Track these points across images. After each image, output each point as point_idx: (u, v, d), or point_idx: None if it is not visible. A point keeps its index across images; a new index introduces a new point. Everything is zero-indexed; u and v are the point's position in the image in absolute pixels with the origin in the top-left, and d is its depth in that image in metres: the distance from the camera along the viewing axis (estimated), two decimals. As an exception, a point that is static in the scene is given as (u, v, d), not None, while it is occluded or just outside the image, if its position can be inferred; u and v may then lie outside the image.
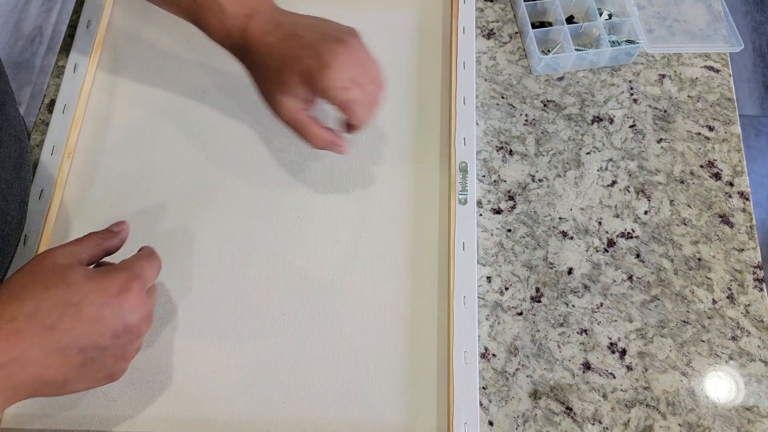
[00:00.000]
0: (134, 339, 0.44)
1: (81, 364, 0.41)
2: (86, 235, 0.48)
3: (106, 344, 0.42)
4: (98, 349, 0.42)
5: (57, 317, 0.40)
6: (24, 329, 0.39)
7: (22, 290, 0.41)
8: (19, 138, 0.56)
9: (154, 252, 0.50)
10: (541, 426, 0.53)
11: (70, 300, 0.41)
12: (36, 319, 0.40)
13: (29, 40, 1.73)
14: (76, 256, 0.45)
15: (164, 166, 0.62)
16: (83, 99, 0.64)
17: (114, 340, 0.42)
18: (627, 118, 0.65)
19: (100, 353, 0.42)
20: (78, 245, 0.46)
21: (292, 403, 0.53)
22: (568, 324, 0.56)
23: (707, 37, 0.68)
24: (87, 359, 0.41)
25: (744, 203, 0.61)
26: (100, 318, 0.41)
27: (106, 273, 0.43)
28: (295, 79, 0.49)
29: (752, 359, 0.55)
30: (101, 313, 0.41)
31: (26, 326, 0.39)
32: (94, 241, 0.47)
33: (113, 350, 0.43)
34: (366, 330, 0.55)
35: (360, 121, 0.51)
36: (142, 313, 0.44)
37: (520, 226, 0.60)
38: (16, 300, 0.40)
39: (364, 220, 0.59)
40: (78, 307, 0.41)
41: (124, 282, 0.43)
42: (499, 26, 0.69)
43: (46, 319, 0.40)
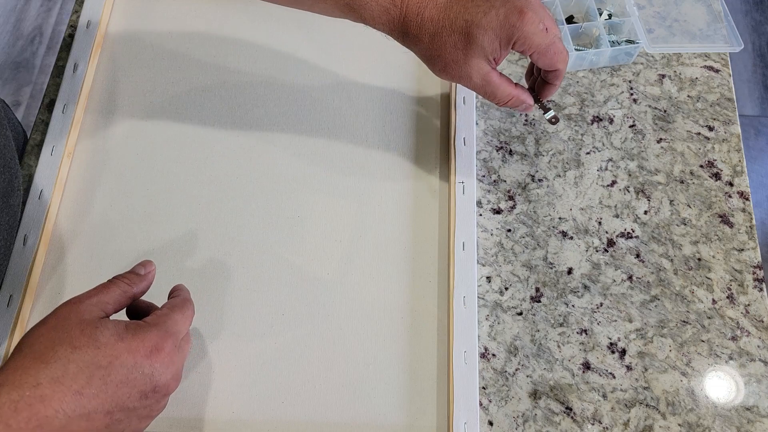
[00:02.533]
0: (162, 398, 0.42)
1: (106, 426, 0.39)
2: (112, 282, 0.45)
3: (134, 405, 0.40)
4: (125, 411, 0.39)
5: (85, 382, 0.37)
6: (49, 396, 0.36)
7: (47, 351, 0.38)
8: (9, 165, 0.55)
9: (188, 299, 0.47)
10: (541, 426, 0.53)
11: (99, 363, 0.38)
12: (63, 384, 0.37)
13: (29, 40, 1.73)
14: (103, 307, 0.42)
15: (164, 166, 0.62)
16: (83, 99, 0.64)
17: (142, 401, 0.40)
18: (627, 118, 0.65)
19: (126, 414, 0.40)
20: (104, 294, 0.43)
21: (292, 403, 0.53)
22: (567, 324, 0.56)
23: (707, 37, 0.68)
24: (113, 421, 0.39)
25: (744, 203, 0.61)
26: (130, 380, 0.39)
27: (137, 331, 0.41)
28: (490, 34, 0.45)
29: (752, 359, 0.55)
30: (131, 375, 0.39)
31: (51, 392, 0.36)
32: (122, 289, 0.45)
33: (140, 411, 0.41)
34: (366, 330, 0.55)
35: (565, 63, 0.49)
36: (172, 372, 0.42)
37: (519, 226, 0.60)
38: (42, 362, 0.37)
39: (364, 220, 0.59)
40: (107, 370, 0.38)
41: (156, 341, 0.41)
42: (499, 26, 0.69)
43: (74, 384, 0.37)
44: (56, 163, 0.60)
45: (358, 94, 0.65)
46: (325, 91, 0.66)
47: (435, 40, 0.47)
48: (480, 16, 0.45)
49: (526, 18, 0.45)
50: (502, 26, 0.45)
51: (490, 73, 0.48)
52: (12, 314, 0.54)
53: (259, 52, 0.67)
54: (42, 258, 0.57)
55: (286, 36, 0.68)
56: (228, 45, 0.68)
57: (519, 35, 0.46)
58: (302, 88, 0.66)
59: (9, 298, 0.55)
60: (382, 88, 0.65)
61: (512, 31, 0.46)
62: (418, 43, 0.48)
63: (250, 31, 0.68)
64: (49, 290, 0.57)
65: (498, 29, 0.46)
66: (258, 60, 0.67)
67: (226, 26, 0.69)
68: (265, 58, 0.67)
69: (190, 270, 0.58)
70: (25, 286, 0.55)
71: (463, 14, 0.46)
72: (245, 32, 0.68)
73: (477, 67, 0.48)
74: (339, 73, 0.66)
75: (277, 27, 0.68)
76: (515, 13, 0.45)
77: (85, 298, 0.42)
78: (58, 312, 0.41)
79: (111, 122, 0.64)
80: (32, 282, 0.56)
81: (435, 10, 0.47)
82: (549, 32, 0.46)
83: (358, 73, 0.66)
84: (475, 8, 0.46)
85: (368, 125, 0.64)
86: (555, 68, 0.49)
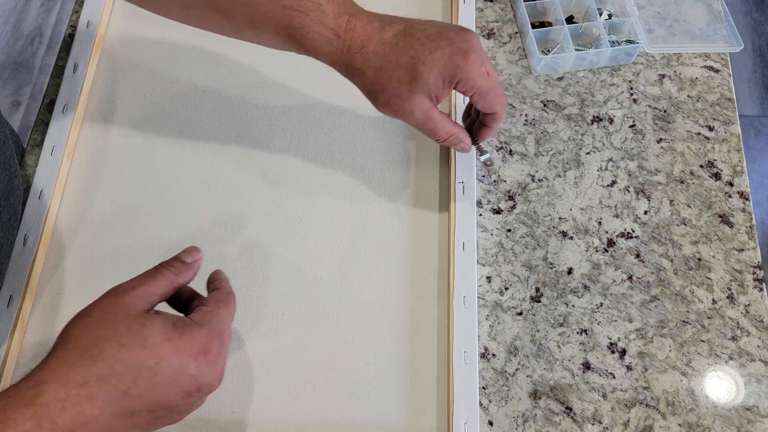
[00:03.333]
0: (204, 396, 0.42)
1: (148, 422, 0.39)
2: (159, 271, 0.43)
3: (177, 404, 0.39)
4: (167, 409, 0.39)
5: (131, 382, 0.37)
6: (95, 394, 0.36)
7: (93, 346, 0.37)
8: (9, 163, 0.55)
9: (231, 292, 0.46)
10: (541, 426, 0.53)
11: (145, 363, 0.37)
12: (109, 383, 0.36)
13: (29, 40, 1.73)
14: (149, 299, 0.41)
15: (164, 166, 0.62)
16: (83, 99, 0.64)
17: (185, 400, 0.40)
18: (627, 118, 0.65)
19: (168, 411, 0.39)
20: (150, 285, 0.42)
21: (292, 403, 0.53)
22: (567, 324, 0.56)
23: (707, 37, 0.68)
24: (155, 418, 0.39)
25: (744, 203, 0.61)
26: (175, 381, 0.39)
27: (185, 331, 0.40)
28: (435, 72, 0.46)
29: (752, 359, 0.55)
30: (177, 376, 0.39)
31: (98, 391, 0.36)
32: (168, 279, 0.43)
33: (182, 407, 0.40)
34: (366, 330, 0.55)
35: (503, 108, 0.50)
36: (217, 371, 0.41)
37: (519, 226, 0.60)
38: (88, 359, 0.37)
39: (364, 220, 0.59)
40: (153, 371, 0.38)
41: (203, 343, 0.40)
42: (498, 26, 0.69)
43: (120, 384, 0.37)
44: (56, 163, 0.60)
45: (358, 94, 0.65)
46: (325, 92, 0.66)
47: (379, 75, 0.47)
48: (426, 53, 0.46)
49: (470, 59, 0.46)
50: (446, 65, 0.46)
51: (431, 110, 0.49)
52: (12, 314, 0.54)
53: (259, 52, 0.67)
54: (42, 258, 0.57)
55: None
56: (228, 45, 0.68)
57: (462, 75, 0.46)
58: (302, 88, 0.66)
59: (9, 298, 0.55)
60: (382, 88, 0.65)
61: (456, 71, 0.46)
62: (362, 76, 0.48)
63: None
64: (49, 290, 0.57)
65: (443, 68, 0.46)
66: (258, 60, 0.67)
67: (226, 26, 0.69)
68: (265, 59, 0.67)
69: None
70: (25, 286, 0.55)
71: (410, 51, 0.46)
72: (245, 32, 0.68)
73: (420, 104, 0.48)
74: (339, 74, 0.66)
75: (277, 27, 0.68)
76: (460, 54, 0.46)
77: (130, 288, 0.41)
78: (103, 303, 0.40)
79: (111, 122, 0.64)
80: (32, 282, 0.56)
81: (381, 44, 0.47)
82: (490, 76, 0.47)
83: (358, 73, 0.66)
84: (421, 46, 0.46)
85: (368, 125, 0.64)
86: (493, 111, 0.50)
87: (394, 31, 0.47)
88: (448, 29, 0.48)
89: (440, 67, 0.46)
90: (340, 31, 0.47)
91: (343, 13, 0.47)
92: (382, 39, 0.47)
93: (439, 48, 0.46)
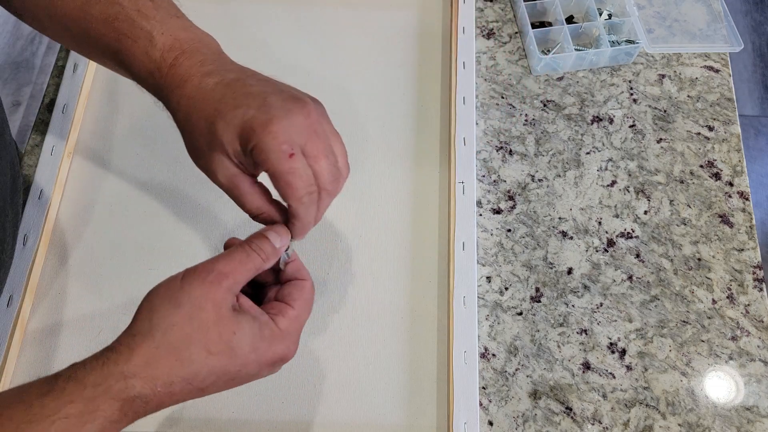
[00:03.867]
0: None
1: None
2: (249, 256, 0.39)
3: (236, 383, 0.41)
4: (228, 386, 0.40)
5: (211, 383, 0.38)
6: (177, 392, 0.37)
7: (182, 348, 0.37)
8: (13, 163, 0.55)
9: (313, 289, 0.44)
10: (541, 426, 0.53)
11: (229, 370, 0.38)
12: (192, 385, 0.37)
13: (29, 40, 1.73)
14: (236, 290, 0.39)
15: (164, 165, 0.62)
16: (83, 99, 0.64)
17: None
18: (627, 118, 0.65)
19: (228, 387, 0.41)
20: (240, 273, 0.39)
21: (292, 403, 0.53)
22: (567, 324, 0.56)
23: (707, 37, 0.68)
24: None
25: (744, 203, 0.61)
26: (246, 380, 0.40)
27: (272, 342, 0.39)
28: (230, 131, 0.38)
29: (752, 359, 0.55)
30: (250, 378, 0.40)
31: (180, 390, 0.37)
32: (256, 265, 0.40)
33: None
34: (366, 330, 0.55)
35: (296, 203, 0.39)
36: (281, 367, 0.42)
37: (519, 226, 0.60)
38: (177, 360, 0.37)
39: (364, 220, 0.59)
40: (233, 376, 0.39)
41: (283, 353, 0.40)
42: (498, 26, 0.69)
43: (201, 385, 0.38)
44: (56, 163, 0.60)
45: (358, 94, 0.65)
46: (325, 91, 0.65)
47: (187, 121, 0.41)
48: (229, 109, 0.39)
49: (270, 129, 0.37)
50: (243, 128, 0.38)
51: (237, 176, 0.40)
52: (12, 314, 0.54)
53: (259, 52, 0.67)
54: (42, 258, 0.57)
55: (286, 36, 0.68)
56: (227, 45, 0.67)
57: (254, 146, 0.38)
58: (302, 88, 0.66)
59: (9, 298, 0.55)
60: (382, 88, 0.65)
61: (249, 139, 0.38)
62: (175, 117, 0.43)
63: (250, 31, 0.68)
64: (48, 290, 0.57)
65: (241, 129, 0.38)
66: (258, 60, 0.67)
67: (226, 26, 0.68)
68: (264, 59, 0.67)
69: (190, 270, 0.58)
70: (25, 286, 0.55)
71: (220, 102, 0.39)
72: (245, 32, 0.68)
73: (220, 164, 0.40)
74: (339, 74, 0.66)
75: (277, 27, 0.68)
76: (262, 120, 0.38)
77: (222, 278, 0.38)
78: (194, 292, 0.38)
79: (111, 122, 0.64)
80: (32, 282, 0.56)
81: (197, 89, 0.40)
82: (293, 160, 0.38)
83: (358, 73, 0.66)
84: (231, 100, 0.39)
85: (368, 125, 0.64)
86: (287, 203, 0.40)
87: (218, 78, 0.41)
88: (277, 92, 0.40)
89: (236, 131, 0.38)
90: (164, 65, 0.42)
91: (175, 48, 0.42)
92: (201, 83, 0.40)
93: (246, 106, 0.38)
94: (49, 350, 0.54)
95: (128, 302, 0.56)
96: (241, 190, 0.41)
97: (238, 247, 0.40)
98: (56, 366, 0.54)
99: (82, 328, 0.55)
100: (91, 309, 0.56)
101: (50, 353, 0.54)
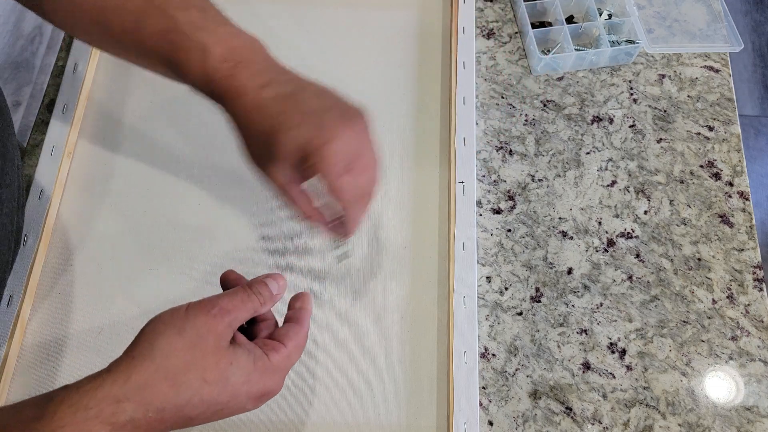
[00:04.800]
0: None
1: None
2: (249, 297, 0.42)
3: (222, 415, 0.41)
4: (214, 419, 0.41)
5: (200, 413, 0.39)
6: (167, 419, 0.38)
7: (181, 374, 0.38)
8: (19, 167, 0.56)
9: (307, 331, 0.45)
10: (541, 426, 0.53)
11: (220, 400, 0.39)
12: (182, 412, 0.38)
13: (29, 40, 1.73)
14: (235, 326, 0.41)
15: (164, 166, 0.62)
16: (83, 99, 0.64)
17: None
18: (627, 118, 0.65)
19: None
20: (241, 311, 0.41)
21: (292, 403, 0.53)
22: (567, 324, 0.56)
23: (707, 37, 0.68)
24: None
25: (744, 203, 0.61)
26: (234, 411, 0.41)
27: (263, 375, 0.41)
28: (290, 148, 0.42)
29: (752, 359, 0.55)
30: (235, 411, 0.41)
31: (170, 416, 0.38)
32: (254, 307, 0.42)
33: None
34: (366, 330, 0.55)
35: (347, 205, 0.45)
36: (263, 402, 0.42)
37: (519, 226, 0.60)
38: (172, 386, 0.37)
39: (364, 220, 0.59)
40: (223, 407, 0.40)
41: (272, 387, 0.41)
42: (498, 26, 0.69)
43: (191, 412, 0.38)
44: (56, 163, 0.60)
45: (358, 94, 0.65)
46: (325, 91, 0.65)
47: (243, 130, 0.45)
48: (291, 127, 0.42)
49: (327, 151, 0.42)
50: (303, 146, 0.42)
51: (291, 183, 0.45)
52: (12, 314, 0.54)
53: (259, 52, 0.67)
54: (42, 258, 0.57)
55: (286, 36, 0.68)
56: (228, 45, 0.68)
57: (312, 163, 0.42)
58: (302, 88, 0.66)
59: (9, 298, 0.55)
60: (382, 88, 0.65)
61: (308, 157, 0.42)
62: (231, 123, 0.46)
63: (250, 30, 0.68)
64: (48, 290, 0.57)
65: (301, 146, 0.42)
66: (258, 60, 0.67)
67: (226, 26, 0.69)
68: (265, 58, 0.67)
69: (190, 269, 0.58)
70: (25, 286, 0.55)
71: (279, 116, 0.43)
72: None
73: (279, 173, 0.44)
74: (339, 73, 0.66)
75: (277, 27, 0.68)
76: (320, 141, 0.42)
77: (225, 313, 0.40)
78: (197, 322, 0.39)
79: (111, 122, 0.64)
80: (32, 282, 0.56)
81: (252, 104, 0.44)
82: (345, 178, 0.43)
83: (358, 73, 0.66)
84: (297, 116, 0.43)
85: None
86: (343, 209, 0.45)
87: (274, 92, 0.44)
88: (329, 110, 0.44)
89: (298, 147, 0.42)
90: (218, 76, 0.44)
91: (229, 59, 0.44)
92: (258, 97, 0.43)
93: (305, 126, 0.42)
94: (49, 350, 0.54)
95: (128, 302, 0.56)
96: (293, 195, 0.46)
97: (240, 288, 0.43)
98: (57, 367, 0.54)
99: (82, 329, 0.55)
100: (92, 309, 0.56)
101: (50, 353, 0.54)
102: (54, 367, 0.54)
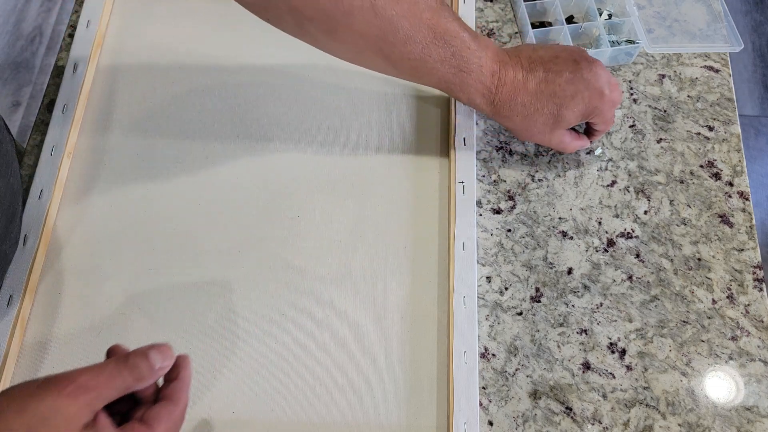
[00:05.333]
0: None
1: None
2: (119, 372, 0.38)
3: None
4: None
5: None
6: None
7: None
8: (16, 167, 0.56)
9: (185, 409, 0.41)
10: (541, 426, 0.53)
11: None
12: None
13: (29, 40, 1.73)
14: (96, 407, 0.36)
15: (164, 166, 0.62)
16: (83, 99, 0.64)
17: None
18: (627, 118, 0.65)
19: None
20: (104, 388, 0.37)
21: (292, 403, 0.53)
22: (567, 324, 0.56)
23: (707, 37, 0.68)
24: None
25: (744, 203, 0.61)
26: None
27: None
28: (576, 113, 0.55)
29: (752, 359, 0.55)
30: None
31: None
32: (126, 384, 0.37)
33: None
34: (366, 330, 0.55)
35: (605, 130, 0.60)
36: None
37: (519, 226, 0.60)
38: None
39: (364, 220, 0.59)
40: None
41: None
42: (499, 26, 0.69)
43: None
44: (56, 163, 0.60)
45: (358, 94, 0.65)
46: (325, 91, 0.66)
47: (526, 120, 0.56)
48: (568, 99, 0.54)
49: (605, 99, 0.55)
50: (587, 107, 0.55)
51: (564, 134, 0.58)
52: (12, 314, 0.54)
53: (259, 52, 0.67)
54: (42, 258, 0.57)
55: (286, 36, 0.68)
56: (228, 45, 0.68)
57: (597, 114, 0.56)
58: (302, 88, 0.66)
59: (9, 298, 0.55)
60: (382, 88, 0.65)
61: (593, 111, 0.56)
62: (509, 121, 0.57)
63: (250, 31, 0.68)
64: (48, 290, 0.57)
65: (583, 109, 0.55)
66: (258, 60, 0.67)
67: (226, 26, 0.69)
68: (265, 58, 0.67)
69: (190, 270, 0.58)
70: (25, 286, 0.55)
71: (553, 98, 0.54)
72: (245, 32, 0.68)
73: (558, 135, 0.58)
74: (339, 73, 0.66)
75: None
76: (596, 96, 0.55)
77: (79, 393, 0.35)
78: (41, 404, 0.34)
79: (111, 122, 0.64)
80: (32, 282, 0.56)
81: (527, 95, 0.54)
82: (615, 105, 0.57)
83: (358, 73, 0.66)
84: (562, 92, 0.54)
85: (368, 125, 0.64)
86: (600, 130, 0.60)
87: (536, 80, 0.54)
88: (576, 67, 0.54)
89: (581, 109, 0.55)
90: (493, 88, 0.54)
91: (497, 70, 0.53)
92: (528, 89, 0.54)
93: (579, 93, 0.54)
94: (49, 350, 0.54)
95: (128, 303, 0.56)
96: (566, 142, 0.59)
97: (111, 360, 0.38)
98: (56, 367, 0.54)
99: (82, 329, 0.55)
100: (91, 309, 0.56)
101: (50, 353, 0.54)
102: (54, 367, 0.54)
